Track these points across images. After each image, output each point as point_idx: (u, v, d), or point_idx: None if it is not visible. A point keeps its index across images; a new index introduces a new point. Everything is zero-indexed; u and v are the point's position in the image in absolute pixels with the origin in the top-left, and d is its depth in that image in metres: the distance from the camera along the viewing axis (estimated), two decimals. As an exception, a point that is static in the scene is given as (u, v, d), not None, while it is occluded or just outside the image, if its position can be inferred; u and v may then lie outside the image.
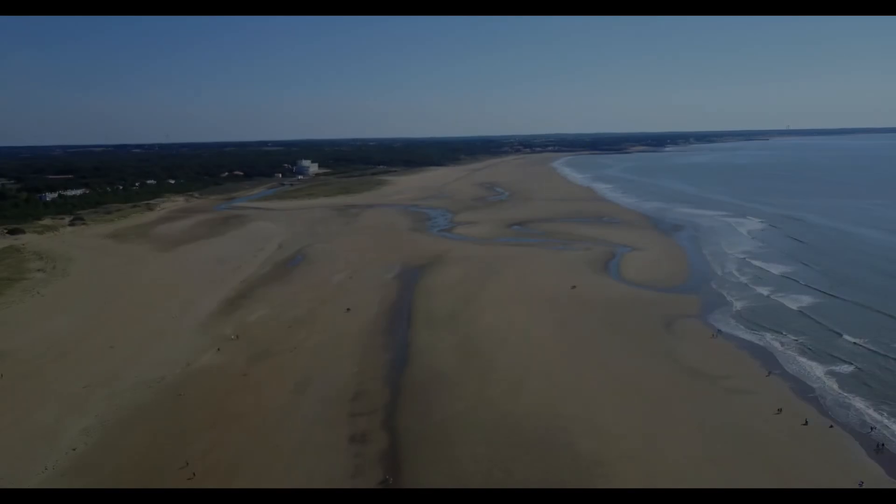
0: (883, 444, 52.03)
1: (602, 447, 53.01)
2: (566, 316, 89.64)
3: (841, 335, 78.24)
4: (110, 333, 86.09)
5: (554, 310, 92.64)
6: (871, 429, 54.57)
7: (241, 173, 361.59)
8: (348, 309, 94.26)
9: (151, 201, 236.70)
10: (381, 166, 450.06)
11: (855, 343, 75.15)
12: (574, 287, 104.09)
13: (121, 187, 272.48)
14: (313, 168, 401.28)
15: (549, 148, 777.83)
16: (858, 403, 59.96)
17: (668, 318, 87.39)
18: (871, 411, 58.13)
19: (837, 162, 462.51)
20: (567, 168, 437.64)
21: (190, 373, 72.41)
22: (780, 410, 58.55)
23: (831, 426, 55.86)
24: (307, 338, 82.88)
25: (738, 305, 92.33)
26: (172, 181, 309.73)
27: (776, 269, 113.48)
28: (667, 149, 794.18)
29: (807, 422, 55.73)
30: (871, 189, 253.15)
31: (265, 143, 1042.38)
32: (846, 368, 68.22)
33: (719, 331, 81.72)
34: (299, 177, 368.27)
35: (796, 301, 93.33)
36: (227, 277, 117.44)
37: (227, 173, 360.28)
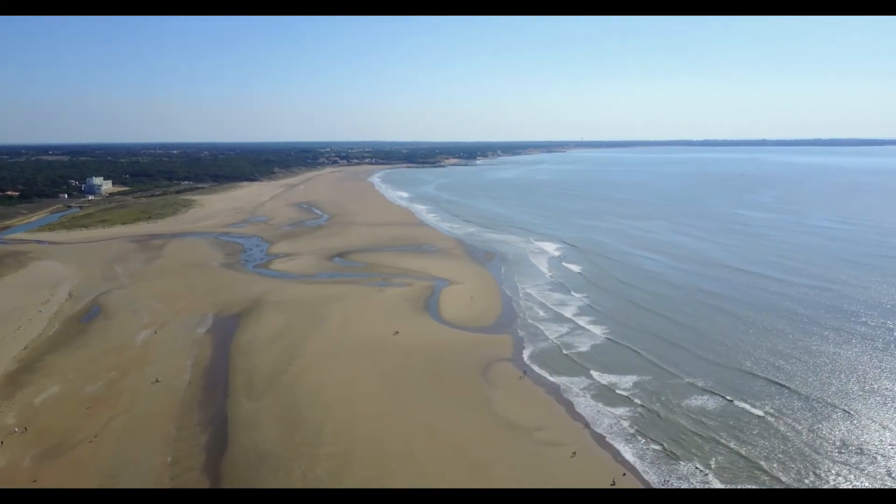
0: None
1: (430, 526, 54.86)
2: (391, 368, 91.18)
3: (622, 378, 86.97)
4: None
5: (379, 361, 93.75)
6: (666, 481, 62.62)
7: (16, 193, 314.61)
8: (157, 380, 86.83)
9: None
10: (187, 182, 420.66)
11: (635, 388, 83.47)
12: (397, 333, 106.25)
13: None
14: (106, 186, 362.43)
15: (367, 160, 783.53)
16: (650, 452, 68.37)
17: (483, 363, 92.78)
18: (659, 460, 66.72)
19: (623, 178, 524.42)
20: (385, 185, 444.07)
21: (-40, 486, 61.89)
22: (582, 459, 65.26)
23: (624, 474, 63.51)
24: (110, 421, 74.96)
25: (539, 346, 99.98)
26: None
27: (571, 303, 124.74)
28: (478, 162, 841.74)
29: (614, 482, 62.17)
30: (653, 208, 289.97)
31: (46, 149, 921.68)
32: (630, 413, 77.03)
33: (525, 372, 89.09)
34: (89, 197, 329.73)
35: (589, 339, 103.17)
36: (6, 343, 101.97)
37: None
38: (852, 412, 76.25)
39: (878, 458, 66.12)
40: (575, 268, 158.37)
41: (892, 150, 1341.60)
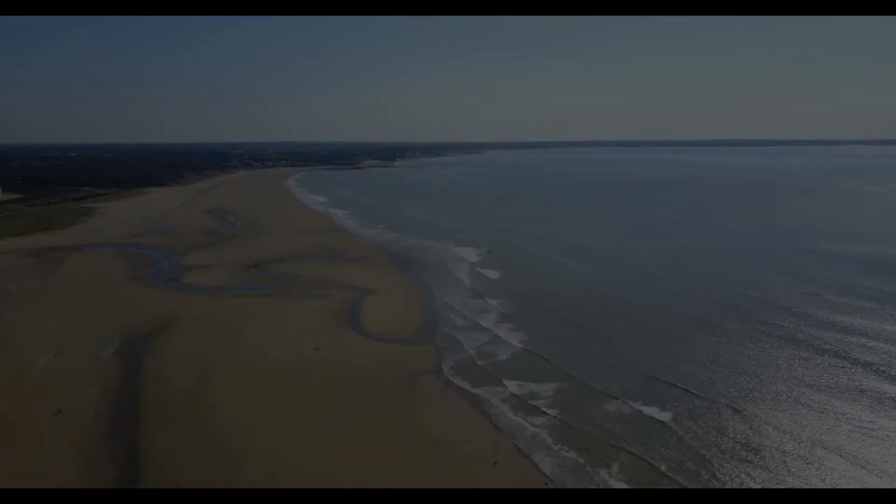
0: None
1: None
2: (313, 388, 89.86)
3: (540, 387, 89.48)
4: None
5: (300, 381, 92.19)
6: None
7: None
8: (59, 410, 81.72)
9: None
10: (88, 188, 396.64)
11: (552, 397, 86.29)
12: (317, 349, 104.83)
13: None
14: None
15: (282, 162, 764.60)
16: (568, 461, 70.83)
17: (407, 377, 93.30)
18: (577, 468, 69.39)
19: (539, 180, 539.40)
20: (302, 188, 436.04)
21: None
22: (505, 471, 66.88)
23: (546, 483, 65.66)
24: (5, 461, 69.97)
25: (460, 357, 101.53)
26: None
27: (489, 311, 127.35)
28: (397, 163, 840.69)
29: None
30: (567, 211, 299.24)
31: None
32: (548, 423, 79.43)
33: (447, 384, 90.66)
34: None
35: (507, 349, 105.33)
36: None
37: None
38: (751, 414, 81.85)
39: (777, 456, 71.38)
40: (492, 274, 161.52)
41: (790, 150, 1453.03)
